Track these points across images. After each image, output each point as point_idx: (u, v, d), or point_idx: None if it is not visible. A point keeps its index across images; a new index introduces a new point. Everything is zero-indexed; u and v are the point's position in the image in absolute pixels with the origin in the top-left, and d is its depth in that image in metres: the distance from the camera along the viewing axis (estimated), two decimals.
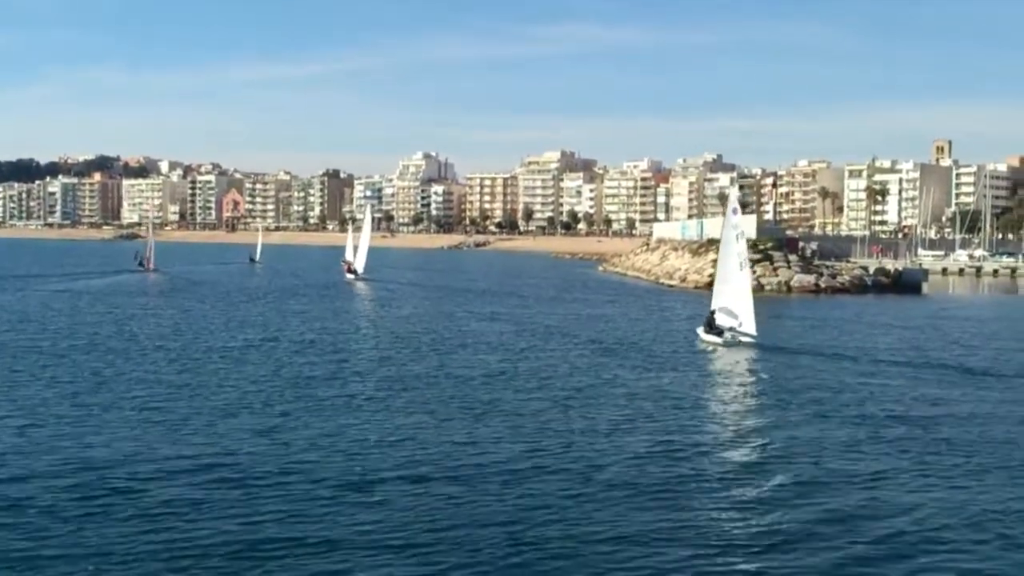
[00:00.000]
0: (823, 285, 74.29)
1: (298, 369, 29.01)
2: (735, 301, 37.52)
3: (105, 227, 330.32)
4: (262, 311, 50.30)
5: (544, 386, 26.57)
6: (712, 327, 37.78)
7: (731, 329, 37.27)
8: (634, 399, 24.69)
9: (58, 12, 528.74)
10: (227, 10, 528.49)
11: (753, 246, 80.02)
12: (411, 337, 38.56)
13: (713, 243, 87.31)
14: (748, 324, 36.95)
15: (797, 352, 36.00)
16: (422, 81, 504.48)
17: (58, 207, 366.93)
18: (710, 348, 36.64)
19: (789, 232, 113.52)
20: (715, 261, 78.82)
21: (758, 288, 72.71)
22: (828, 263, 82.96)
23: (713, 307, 38.42)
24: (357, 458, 17.82)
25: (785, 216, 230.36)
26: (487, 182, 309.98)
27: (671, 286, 78.55)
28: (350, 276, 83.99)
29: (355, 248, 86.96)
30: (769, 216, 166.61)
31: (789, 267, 76.92)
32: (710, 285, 73.54)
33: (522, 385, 26.67)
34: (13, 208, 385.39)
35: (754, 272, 75.38)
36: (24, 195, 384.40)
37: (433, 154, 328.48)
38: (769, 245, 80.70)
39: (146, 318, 45.09)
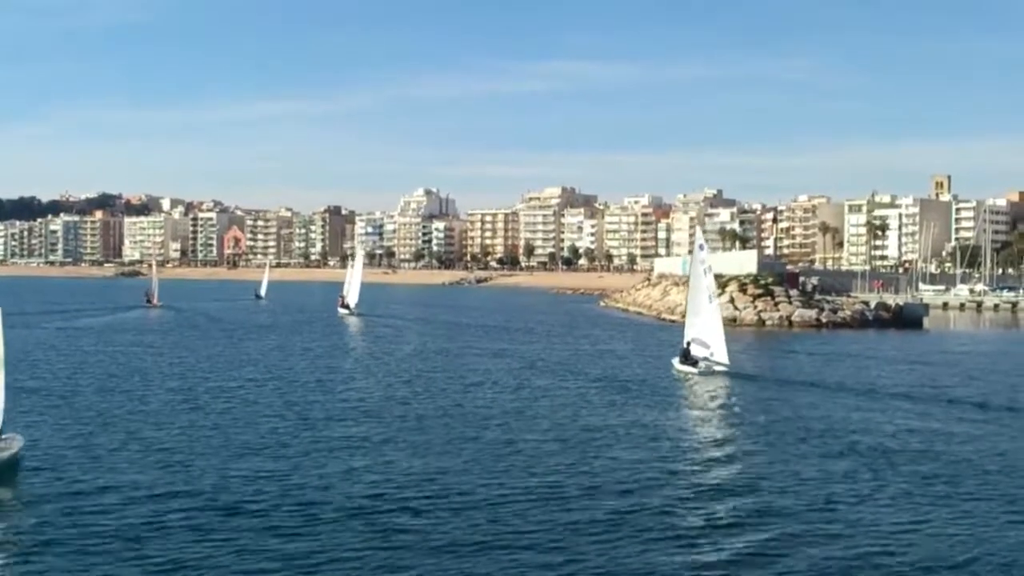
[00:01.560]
0: (824, 320, 74.45)
1: (310, 408, 29.08)
2: (707, 332, 39.84)
3: (107, 264, 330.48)
4: (272, 348, 50.66)
5: (556, 425, 26.55)
6: (687, 358, 39.69)
7: (705, 359, 39.26)
8: (657, 440, 24.75)
9: (57, 48, 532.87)
10: (228, 47, 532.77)
11: (754, 281, 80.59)
12: (420, 375, 38.66)
13: (714, 278, 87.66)
14: (720, 353, 39.21)
15: (812, 387, 36.26)
16: (421, 118, 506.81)
17: (60, 245, 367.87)
18: (689, 379, 37.65)
19: (789, 267, 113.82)
20: (716, 296, 79.62)
21: (759, 323, 73.30)
22: (829, 298, 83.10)
23: (687, 339, 40.36)
24: (374, 501, 17.81)
25: (785, 251, 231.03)
26: (488, 218, 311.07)
27: (673, 321, 78.49)
28: (343, 311, 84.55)
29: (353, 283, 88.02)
30: (770, 251, 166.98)
31: (790, 302, 77.13)
32: None
33: (534, 424, 26.67)
34: (15, 246, 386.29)
35: (755, 307, 76.02)
36: (26, 233, 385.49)
37: (434, 190, 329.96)
38: (770, 280, 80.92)
39: (156, 356, 45.27)
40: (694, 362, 39.37)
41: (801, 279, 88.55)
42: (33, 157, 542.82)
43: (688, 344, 40.18)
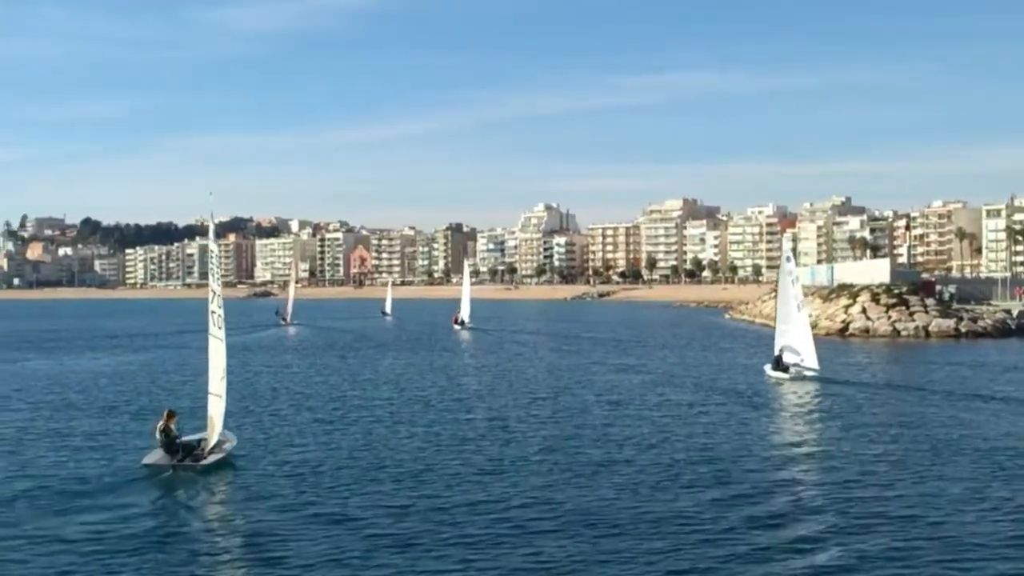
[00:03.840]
0: (963, 330, 71.80)
1: (455, 428, 29.01)
2: (797, 340, 42.73)
3: (240, 286, 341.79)
4: (406, 365, 51.56)
5: (709, 446, 25.70)
6: (779, 364, 42.42)
7: (795, 365, 41.99)
8: (822, 460, 23.98)
9: (184, 78, 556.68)
10: (348, 72, 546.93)
11: (887, 291, 78.45)
12: (559, 393, 38.27)
13: (844, 288, 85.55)
14: (810, 359, 41.86)
15: (978, 399, 35.28)
16: (540, 134, 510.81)
17: (195, 267, 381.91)
18: (794, 391, 36.63)
19: (925, 275, 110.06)
20: (847, 307, 77.70)
21: (893, 334, 71.16)
22: (968, 307, 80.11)
23: (779, 347, 43.18)
24: (533, 528, 17.55)
25: (920, 259, 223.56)
26: (609, 232, 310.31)
27: None
28: (457, 327, 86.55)
29: (470, 300, 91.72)
30: (903, 259, 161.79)
31: (926, 311, 74.66)
32: (842, 332, 72.97)
33: (688, 444, 25.97)
34: (154, 270, 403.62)
35: (889, 317, 73.86)
36: (164, 257, 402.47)
37: (554, 205, 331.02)
38: (904, 289, 78.61)
39: (296, 375, 46.53)
40: (785, 368, 41.96)
41: (938, 288, 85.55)
42: (168, 184, 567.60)
43: (780, 351, 42.78)
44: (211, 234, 26.02)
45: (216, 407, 23.62)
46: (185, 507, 19.63)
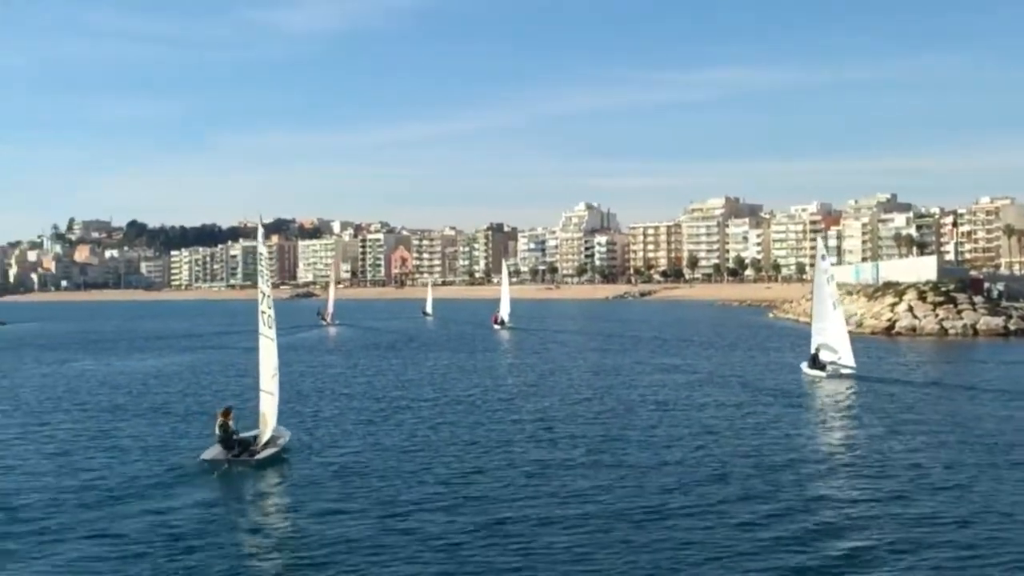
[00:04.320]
0: (1012, 328, 70.59)
1: (503, 431, 28.72)
2: (833, 337, 42.63)
3: (283, 287, 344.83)
4: (447, 365, 51.58)
5: (757, 449, 25.27)
6: (816, 362, 42.35)
7: (832, 363, 41.81)
8: (880, 466, 23.16)
9: (225, 80, 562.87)
10: (386, 71, 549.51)
11: (934, 288, 77.37)
12: (605, 392, 38.08)
13: (890, 286, 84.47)
14: (847, 357, 41.72)
15: None
16: (581, 132, 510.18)
17: (239, 269, 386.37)
18: (838, 389, 35.86)
19: (972, 272, 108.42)
20: (893, 305, 76.73)
21: (941, 332, 70.14)
22: (1017, 304, 78.75)
23: (815, 345, 43.10)
24: (588, 534, 17.35)
25: (967, 256, 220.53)
26: (650, 231, 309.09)
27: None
28: (497, 327, 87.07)
29: (510, 300, 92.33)
30: (950, 256, 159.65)
31: (974, 309, 73.52)
32: (888, 330, 72.05)
33: (736, 448, 25.41)
34: (198, 271, 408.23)
35: (936, 315, 72.83)
36: (208, 259, 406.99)
37: (595, 205, 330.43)
38: (951, 287, 77.51)
39: (342, 375, 46.70)
40: (822, 366, 41.79)
41: (986, 285, 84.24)
42: (212, 186, 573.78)
43: (817, 350, 42.66)
44: (259, 236, 26.90)
45: (268, 404, 24.58)
46: (236, 503, 20.07)
